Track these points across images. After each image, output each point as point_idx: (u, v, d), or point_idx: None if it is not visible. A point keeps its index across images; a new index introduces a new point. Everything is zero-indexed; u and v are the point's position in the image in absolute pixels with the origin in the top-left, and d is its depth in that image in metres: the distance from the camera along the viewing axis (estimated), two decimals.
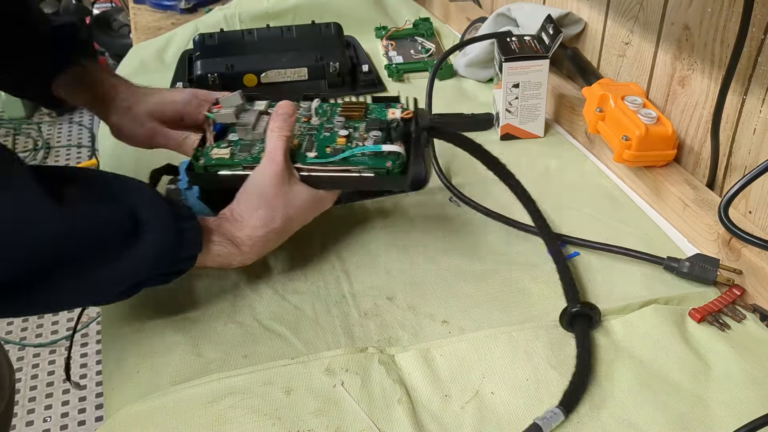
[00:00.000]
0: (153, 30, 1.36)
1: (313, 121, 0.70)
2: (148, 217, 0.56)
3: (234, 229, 0.63)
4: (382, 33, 1.27)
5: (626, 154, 0.77)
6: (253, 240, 0.63)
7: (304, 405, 0.56)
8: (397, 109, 0.70)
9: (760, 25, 0.66)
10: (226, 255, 0.62)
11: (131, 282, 0.58)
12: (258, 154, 0.66)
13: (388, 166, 0.64)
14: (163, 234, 0.57)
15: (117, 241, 0.55)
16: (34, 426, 1.58)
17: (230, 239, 0.62)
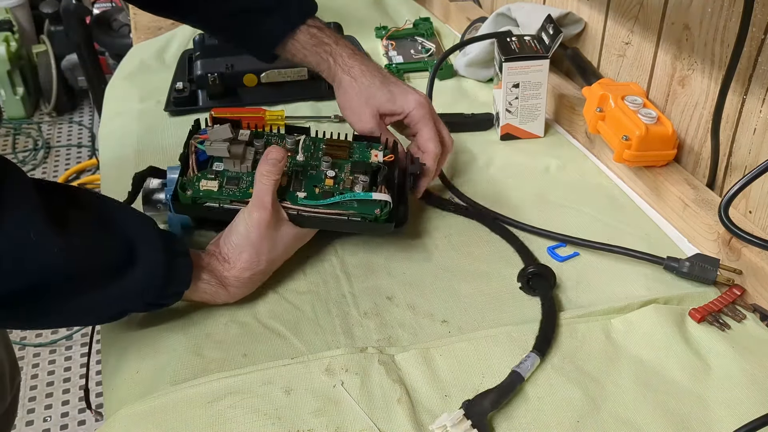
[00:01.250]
0: (153, 30, 1.36)
1: (298, 158, 0.70)
2: (143, 250, 0.58)
3: (222, 269, 0.64)
4: (382, 33, 1.27)
5: (626, 154, 0.77)
6: (240, 281, 0.64)
7: (304, 405, 0.56)
8: (380, 152, 0.73)
9: (760, 25, 0.66)
10: (212, 293, 0.64)
11: (119, 309, 0.60)
12: (246, 189, 0.66)
13: (377, 213, 0.66)
14: (154, 269, 0.58)
15: (110, 271, 0.56)
16: (34, 426, 1.58)
17: (218, 279, 0.64)
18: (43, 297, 0.53)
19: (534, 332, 0.62)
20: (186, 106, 1.04)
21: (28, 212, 0.51)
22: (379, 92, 0.78)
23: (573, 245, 0.73)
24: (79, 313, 0.58)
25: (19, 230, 0.51)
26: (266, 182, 0.63)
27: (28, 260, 0.51)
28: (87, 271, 0.55)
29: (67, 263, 0.53)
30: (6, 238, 0.50)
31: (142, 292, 0.58)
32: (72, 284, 0.54)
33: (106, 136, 0.99)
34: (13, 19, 2.60)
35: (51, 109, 2.70)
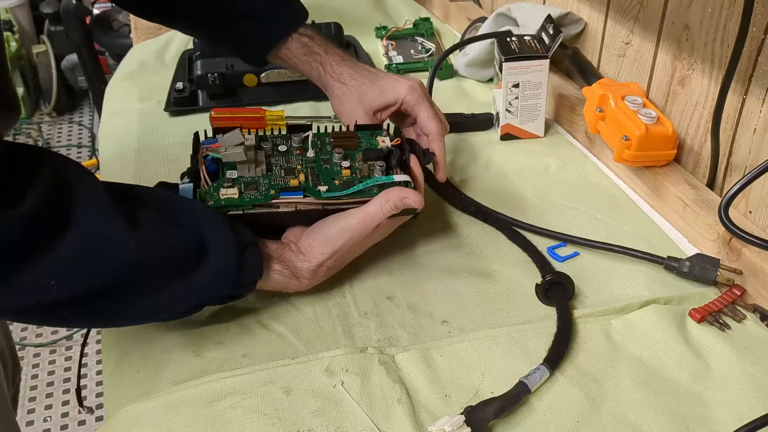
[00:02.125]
0: (153, 30, 1.36)
1: (309, 154, 0.70)
2: (213, 241, 0.58)
3: (297, 260, 0.64)
4: (383, 33, 1.27)
5: (626, 154, 0.77)
6: (312, 274, 0.65)
7: (304, 405, 0.56)
8: (386, 138, 0.73)
9: (760, 25, 0.66)
10: (285, 283, 0.64)
11: (193, 303, 0.60)
12: (267, 191, 0.66)
13: None
14: (227, 259, 0.58)
15: (183, 264, 0.57)
16: (34, 426, 1.59)
17: (292, 270, 0.64)
18: (121, 294, 0.54)
19: (534, 333, 0.62)
20: (186, 106, 1.04)
21: (102, 212, 0.52)
22: (369, 90, 0.78)
23: (573, 245, 0.73)
24: (156, 308, 0.58)
25: (96, 229, 0.52)
26: (383, 212, 0.63)
27: (106, 258, 0.52)
28: (161, 266, 0.56)
29: (142, 259, 0.54)
30: (84, 237, 0.51)
31: (216, 284, 0.59)
32: (148, 280, 0.55)
33: (106, 136, 0.99)
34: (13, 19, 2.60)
35: (51, 109, 2.71)
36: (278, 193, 0.65)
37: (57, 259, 0.50)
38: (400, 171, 0.69)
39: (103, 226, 0.52)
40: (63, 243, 0.50)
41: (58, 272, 0.50)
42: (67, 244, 0.50)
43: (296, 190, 0.66)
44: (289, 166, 0.69)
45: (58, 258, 0.50)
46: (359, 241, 0.65)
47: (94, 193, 0.53)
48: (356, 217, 0.64)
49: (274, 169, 0.69)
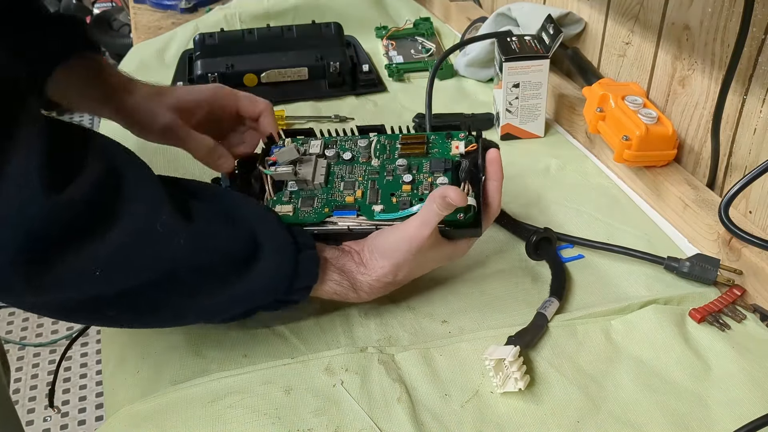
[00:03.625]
0: (153, 30, 1.37)
1: (373, 163, 0.67)
2: (268, 243, 0.56)
3: (356, 271, 0.62)
4: (383, 33, 1.27)
5: (626, 154, 0.77)
6: (372, 288, 0.62)
7: (303, 404, 0.56)
8: (461, 141, 0.67)
9: (760, 25, 0.66)
10: (343, 294, 0.62)
11: (244, 307, 0.58)
12: (321, 209, 0.64)
13: (460, 217, 0.61)
14: (282, 262, 0.57)
15: (236, 264, 0.55)
16: (34, 426, 1.58)
17: (351, 281, 0.61)
18: (169, 291, 0.52)
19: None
20: None
21: (154, 203, 0.50)
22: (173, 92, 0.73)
23: (573, 245, 0.73)
24: (207, 309, 0.56)
25: (146, 221, 0.49)
26: (436, 216, 0.59)
27: (154, 253, 0.50)
28: (213, 264, 0.53)
29: (194, 255, 0.52)
30: (132, 229, 0.48)
31: (270, 287, 0.57)
32: (199, 278, 0.53)
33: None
34: None
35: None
36: (332, 212, 0.63)
37: (103, 249, 0.47)
38: (469, 187, 0.62)
39: (154, 218, 0.50)
40: (110, 233, 0.47)
41: (102, 263, 0.47)
42: (114, 234, 0.47)
43: (351, 209, 0.63)
44: (350, 179, 0.66)
45: (104, 248, 0.47)
46: (418, 252, 0.60)
47: (146, 183, 0.51)
48: (411, 225, 0.60)
49: (335, 180, 0.66)
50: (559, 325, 0.63)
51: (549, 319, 0.62)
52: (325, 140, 0.70)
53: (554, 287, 0.66)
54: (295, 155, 0.65)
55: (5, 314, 1.88)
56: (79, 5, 2.24)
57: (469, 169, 0.63)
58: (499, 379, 0.56)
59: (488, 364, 0.56)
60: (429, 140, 0.68)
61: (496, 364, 0.56)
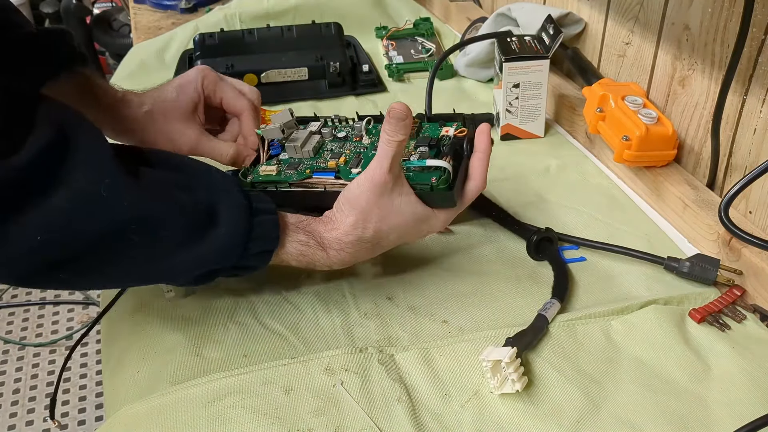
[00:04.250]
0: (153, 30, 1.37)
1: (364, 141, 0.70)
2: (224, 208, 0.56)
3: (324, 229, 0.61)
4: (383, 33, 1.27)
5: (626, 154, 0.77)
6: (342, 245, 0.60)
7: (303, 404, 0.56)
8: (451, 127, 0.69)
9: (760, 25, 0.66)
10: (311, 255, 0.60)
11: (197, 272, 0.57)
12: (303, 171, 0.66)
13: (433, 181, 0.62)
14: (235, 226, 0.56)
15: (190, 228, 0.54)
16: (34, 426, 1.58)
17: (318, 240, 0.60)
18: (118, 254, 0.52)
19: None
20: None
21: (100, 167, 0.50)
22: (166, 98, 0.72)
23: (572, 244, 0.73)
24: (161, 271, 0.56)
25: (91, 185, 0.49)
26: (388, 144, 0.58)
27: (96, 216, 0.50)
28: (164, 227, 0.53)
29: (141, 218, 0.52)
30: (75, 193, 0.48)
31: (225, 251, 0.56)
32: (148, 241, 0.52)
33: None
34: None
35: None
36: (312, 173, 0.65)
37: (44, 213, 0.47)
38: (450, 160, 0.63)
39: (98, 181, 0.50)
40: (52, 198, 0.48)
41: (45, 228, 0.48)
42: (56, 199, 0.48)
43: (330, 171, 0.65)
44: (339, 151, 0.69)
45: (45, 213, 0.48)
46: (385, 195, 0.59)
47: (94, 148, 0.51)
48: (371, 164, 0.59)
49: (324, 152, 0.69)
50: (559, 326, 0.63)
51: (549, 321, 0.62)
52: (326, 123, 0.73)
53: (557, 289, 0.66)
54: (289, 118, 0.68)
55: (5, 314, 1.88)
56: (79, 5, 2.24)
57: (453, 144, 0.65)
58: (496, 380, 0.56)
59: (485, 365, 0.56)
60: (422, 127, 0.71)
61: (493, 365, 0.56)
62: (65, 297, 1.91)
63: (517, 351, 0.57)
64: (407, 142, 0.65)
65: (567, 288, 0.66)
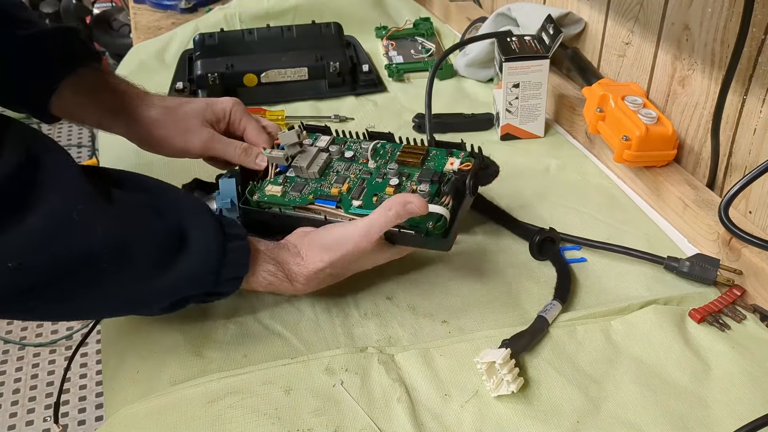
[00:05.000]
0: (153, 30, 1.36)
1: (370, 164, 0.69)
2: (195, 234, 0.56)
3: (294, 263, 0.61)
4: (383, 33, 1.27)
5: (626, 154, 0.77)
6: (308, 279, 0.62)
7: (303, 404, 0.56)
8: (456, 160, 0.68)
9: (760, 25, 0.66)
10: (277, 285, 0.61)
11: (171, 299, 0.57)
12: (307, 195, 0.66)
13: (429, 226, 0.62)
14: (208, 253, 0.56)
15: (161, 255, 0.54)
16: (34, 426, 1.58)
17: (286, 272, 0.61)
18: (88, 282, 0.51)
19: None
20: None
21: (71, 192, 0.49)
22: (193, 105, 0.72)
23: (580, 247, 0.73)
24: (131, 301, 0.55)
25: (61, 210, 0.49)
26: (386, 218, 0.59)
27: (69, 242, 0.49)
28: (136, 253, 0.53)
29: (114, 245, 0.51)
30: (46, 218, 0.48)
31: (197, 278, 0.56)
32: (121, 268, 0.52)
33: (106, 135, 0.99)
34: None
35: None
36: (315, 199, 0.65)
37: (15, 238, 0.46)
38: (450, 201, 0.63)
39: (70, 207, 0.49)
40: (23, 222, 0.46)
41: (15, 253, 0.47)
42: (28, 224, 0.47)
43: (332, 200, 0.65)
44: (344, 174, 0.68)
45: (16, 238, 0.46)
46: (361, 254, 0.61)
47: (63, 172, 0.50)
48: (358, 227, 0.60)
49: (330, 174, 0.69)
50: (559, 326, 0.63)
51: (550, 323, 0.62)
52: (336, 139, 0.73)
53: (559, 291, 0.66)
54: (295, 139, 0.68)
55: None
56: (79, 5, 2.24)
57: (455, 184, 0.65)
58: (492, 382, 0.56)
59: (480, 367, 0.56)
60: (429, 154, 0.70)
61: (488, 367, 0.56)
62: None
63: (512, 352, 0.57)
64: (412, 173, 0.67)
65: (569, 290, 0.66)
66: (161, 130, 0.71)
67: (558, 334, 0.62)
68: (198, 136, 0.71)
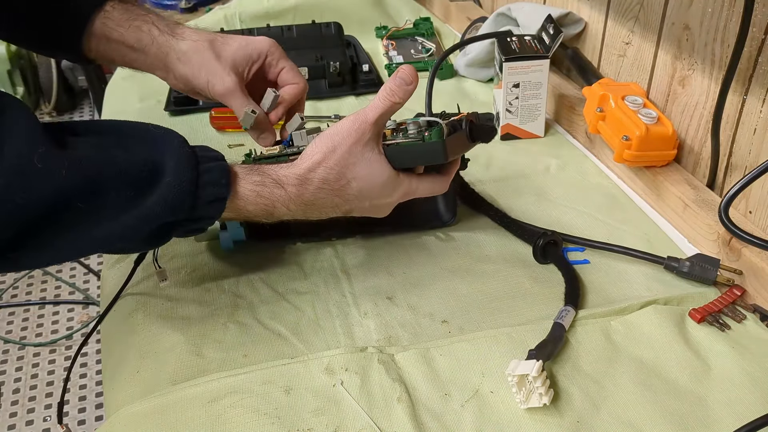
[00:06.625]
0: None
1: None
2: (169, 161, 0.54)
3: (282, 168, 0.59)
4: (383, 32, 1.27)
5: (626, 154, 0.77)
6: (302, 180, 0.58)
7: (303, 404, 0.56)
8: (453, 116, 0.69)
9: (760, 25, 0.66)
10: (268, 195, 0.58)
11: (151, 227, 0.55)
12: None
13: (425, 134, 0.61)
14: (180, 176, 0.54)
15: (134, 187, 0.53)
16: (34, 426, 1.58)
17: (274, 178, 0.58)
18: (64, 224, 0.50)
19: (534, 333, 0.61)
20: (186, 106, 1.04)
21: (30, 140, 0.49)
22: (226, 44, 0.69)
23: (585, 248, 0.73)
24: (111, 236, 0.53)
25: (24, 158, 0.48)
26: (383, 101, 0.58)
27: (35, 188, 0.48)
28: (109, 188, 0.51)
29: (83, 183, 0.50)
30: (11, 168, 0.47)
31: (175, 201, 0.54)
32: (96, 204, 0.51)
33: None
34: None
35: (51, 109, 2.70)
36: None
37: None
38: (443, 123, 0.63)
39: (29, 153, 0.48)
40: None
41: None
42: None
43: None
44: None
45: None
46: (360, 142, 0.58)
47: (21, 121, 0.49)
48: (359, 111, 0.59)
49: None
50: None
51: (566, 329, 0.61)
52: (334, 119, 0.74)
53: (569, 296, 0.66)
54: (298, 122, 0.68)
55: (5, 314, 1.88)
56: None
57: (451, 122, 0.65)
58: (522, 394, 0.55)
59: (511, 380, 0.55)
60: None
61: (519, 379, 0.55)
62: (65, 297, 1.91)
63: (543, 363, 0.56)
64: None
65: (579, 294, 0.66)
66: (186, 65, 0.68)
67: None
68: (221, 82, 0.68)
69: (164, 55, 0.68)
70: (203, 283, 0.69)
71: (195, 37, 0.68)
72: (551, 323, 0.62)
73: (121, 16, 0.68)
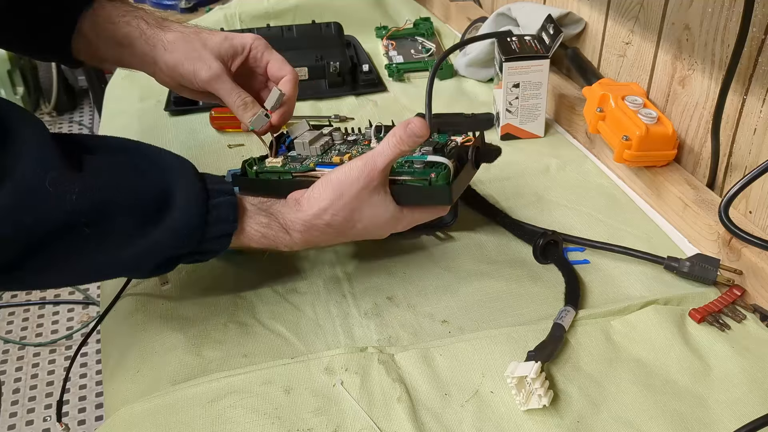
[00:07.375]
0: None
1: (372, 144, 0.69)
2: (179, 193, 0.54)
3: (288, 211, 0.59)
4: (383, 32, 1.27)
5: (626, 154, 0.77)
6: (307, 227, 0.59)
7: (303, 404, 0.56)
8: (459, 138, 0.69)
9: (760, 25, 0.66)
10: (273, 238, 0.59)
11: (158, 259, 0.56)
12: (308, 164, 0.66)
13: (431, 176, 0.61)
14: (189, 209, 0.54)
15: (143, 216, 0.53)
16: (34, 426, 1.58)
17: (281, 222, 0.59)
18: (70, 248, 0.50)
19: (534, 333, 0.61)
20: (186, 106, 1.04)
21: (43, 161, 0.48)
22: (211, 36, 0.69)
23: (584, 248, 0.73)
24: (117, 264, 0.54)
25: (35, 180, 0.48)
26: (391, 148, 0.58)
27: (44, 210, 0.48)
28: (117, 216, 0.51)
29: (92, 209, 0.50)
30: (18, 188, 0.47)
31: (181, 237, 0.54)
32: (103, 231, 0.51)
33: (106, 130, 0.99)
34: None
35: (51, 109, 2.71)
36: (316, 166, 0.66)
37: None
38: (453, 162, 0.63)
39: (42, 176, 0.48)
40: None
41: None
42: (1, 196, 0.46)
43: (334, 165, 0.65)
44: (346, 151, 0.69)
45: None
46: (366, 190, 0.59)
47: (34, 140, 0.49)
48: (362, 157, 0.59)
49: (332, 152, 0.69)
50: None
51: (566, 329, 0.61)
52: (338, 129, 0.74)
53: (569, 296, 0.66)
54: (306, 128, 0.69)
55: (5, 314, 1.88)
56: None
57: (458, 150, 0.65)
58: (522, 396, 0.55)
59: (510, 382, 0.55)
60: (431, 137, 0.70)
61: (518, 381, 0.55)
62: (65, 297, 1.91)
63: (542, 365, 0.56)
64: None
65: (579, 295, 0.66)
66: (173, 54, 0.68)
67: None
68: (207, 67, 0.68)
69: (152, 47, 0.68)
70: (203, 283, 0.69)
71: (182, 29, 0.69)
72: (551, 323, 0.62)
73: (109, 13, 0.68)
